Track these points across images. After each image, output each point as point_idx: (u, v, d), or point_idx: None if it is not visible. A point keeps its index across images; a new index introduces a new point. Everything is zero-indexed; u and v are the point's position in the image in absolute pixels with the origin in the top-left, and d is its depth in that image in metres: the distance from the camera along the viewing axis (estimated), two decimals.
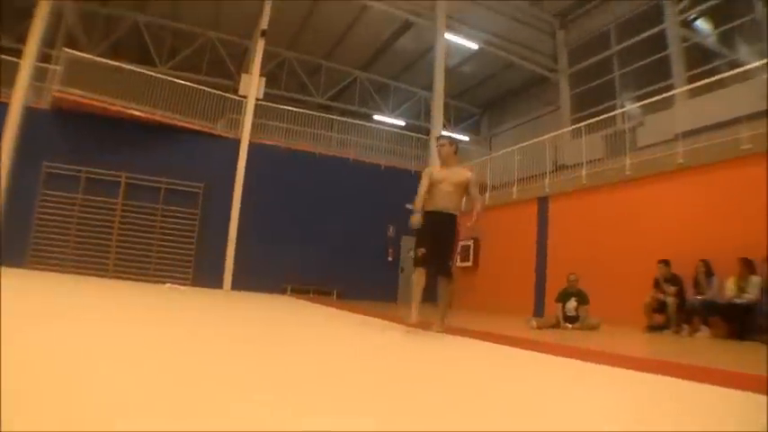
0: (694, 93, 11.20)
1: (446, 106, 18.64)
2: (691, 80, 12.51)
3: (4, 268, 11.03)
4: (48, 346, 2.06)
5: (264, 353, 2.80)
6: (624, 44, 16.42)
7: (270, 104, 16.34)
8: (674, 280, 8.01)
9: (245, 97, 15.69)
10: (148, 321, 4.17)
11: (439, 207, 5.40)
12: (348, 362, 2.72)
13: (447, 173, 5.48)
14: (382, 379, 2.18)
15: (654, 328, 7.92)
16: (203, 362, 2.22)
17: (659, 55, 14.84)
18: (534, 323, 7.62)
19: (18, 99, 13.20)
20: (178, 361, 2.16)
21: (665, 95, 11.11)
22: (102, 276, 13.15)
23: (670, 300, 7.79)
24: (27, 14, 14.61)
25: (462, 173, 5.53)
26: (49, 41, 14.56)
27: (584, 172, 11.44)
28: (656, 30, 15.04)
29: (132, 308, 5.33)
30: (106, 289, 8.20)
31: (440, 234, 5.33)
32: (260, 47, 15.97)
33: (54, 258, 13.21)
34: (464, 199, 5.63)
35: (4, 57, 13.71)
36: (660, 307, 8.01)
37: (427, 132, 17.86)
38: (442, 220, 5.36)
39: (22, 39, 14.42)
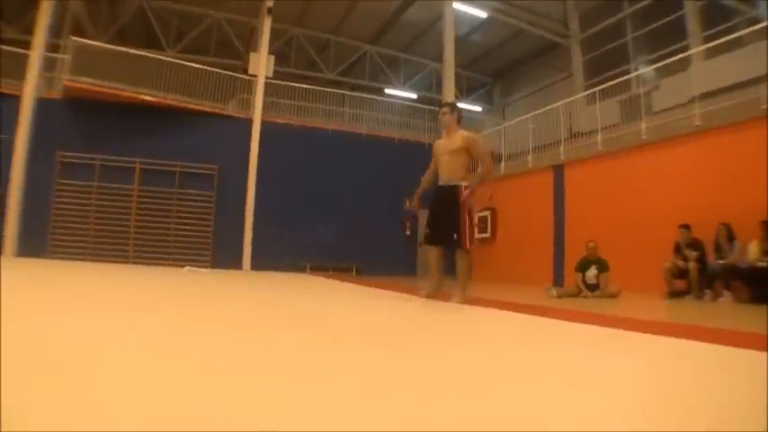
0: (711, 53, 10.95)
1: (457, 77, 18.42)
2: (707, 40, 12.19)
3: (22, 259, 11.20)
4: (53, 337, 2.07)
5: (278, 329, 2.79)
6: (637, 5, 16.04)
7: (280, 82, 16.27)
8: (695, 245, 7.91)
9: (254, 76, 15.63)
10: (162, 304, 4.18)
11: (442, 180, 5.38)
12: (362, 333, 2.70)
13: (446, 142, 5.41)
14: (393, 348, 2.16)
15: (675, 294, 7.84)
16: (214, 340, 2.21)
17: (674, 15, 14.50)
18: (554, 292, 7.60)
19: (29, 90, 13.29)
20: (191, 342, 2.15)
21: (680, 56, 10.85)
22: (122, 262, 13.30)
23: (691, 265, 7.70)
24: (32, 5, 14.64)
25: (459, 137, 5.35)
26: (55, 31, 14.56)
27: (599, 138, 11.30)
28: None
29: (148, 291, 5.35)
30: (124, 274, 8.26)
31: (442, 209, 5.29)
32: (267, 25, 15.84)
33: (74, 247, 13.38)
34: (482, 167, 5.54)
35: (11, 49, 13.76)
36: (681, 272, 7.93)
37: (440, 104, 17.67)
38: (444, 193, 5.32)
39: (28, 30, 14.48)
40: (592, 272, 7.98)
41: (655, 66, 12.19)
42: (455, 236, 5.16)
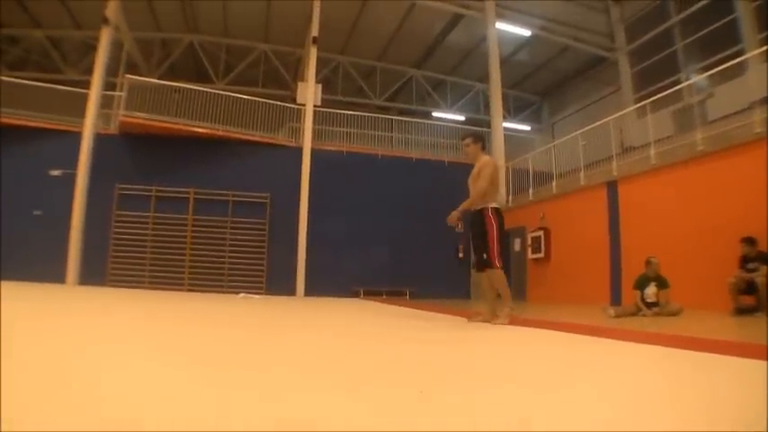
0: None
1: (504, 96, 18.34)
2: (763, 42, 11.74)
3: (88, 287, 11.55)
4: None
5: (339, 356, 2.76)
6: (685, 12, 15.65)
7: (328, 110, 16.50)
8: (762, 258, 7.50)
9: (303, 105, 15.89)
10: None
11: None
12: (425, 359, 2.65)
13: (473, 170, 5.66)
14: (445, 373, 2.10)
15: (743, 311, 7.42)
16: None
17: (725, 19, 14.05)
18: (612, 312, 7.34)
19: (88, 126, 13.90)
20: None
21: (735, 61, 10.40)
22: (177, 290, 13.58)
23: (761, 280, 7.25)
24: (90, 48, 15.42)
25: (478, 164, 5.65)
26: (111, 70, 15.19)
27: (652, 152, 10.94)
28: None
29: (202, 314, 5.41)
30: (178, 301, 8.39)
31: (474, 233, 5.52)
32: (313, 54, 16.12)
33: (132, 275, 13.77)
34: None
35: (72, 89, 14.46)
36: (748, 288, 7.53)
37: (488, 125, 17.62)
38: (473, 218, 5.55)
39: (87, 71, 15.21)
40: (651, 289, 7.69)
41: (708, 73, 11.69)
42: (485, 256, 5.35)
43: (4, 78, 14.33)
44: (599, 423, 1.35)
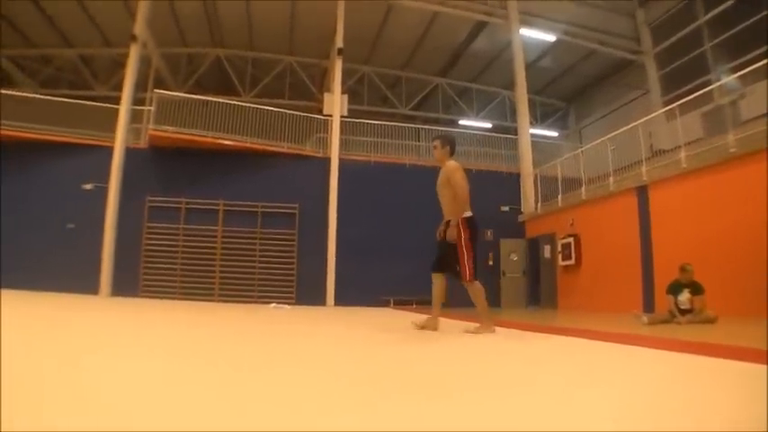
0: None
1: (530, 103, 18.24)
2: None
3: (124, 298, 11.74)
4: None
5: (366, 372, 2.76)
6: (713, 12, 15.42)
7: (354, 120, 16.56)
8: None
9: (329, 116, 15.98)
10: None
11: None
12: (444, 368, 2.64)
13: (440, 177, 5.27)
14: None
15: None
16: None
17: (756, 17, 13.75)
18: (645, 319, 7.20)
19: (119, 141, 14.18)
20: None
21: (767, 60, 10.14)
22: (208, 300, 13.73)
23: None
24: (119, 65, 15.80)
25: (444, 170, 5.21)
26: (140, 85, 15.52)
27: (682, 155, 10.76)
28: None
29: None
30: (212, 311, 8.46)
31: (441, 242, 5.30)
32: (338, 65, 16.23)
33: (163, 286, 13.98)
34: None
35: (102, 105, 14.83)
36: None
37: (515, 132, 17.53)
38: (444, 228, 5.25)
39: (117, 87, 15.57)
40: (685, 295, 7.48)
41: (740, 73, 11.38)
42: (458, 268, 5.15)
43: (39, 96, 14.75)
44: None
